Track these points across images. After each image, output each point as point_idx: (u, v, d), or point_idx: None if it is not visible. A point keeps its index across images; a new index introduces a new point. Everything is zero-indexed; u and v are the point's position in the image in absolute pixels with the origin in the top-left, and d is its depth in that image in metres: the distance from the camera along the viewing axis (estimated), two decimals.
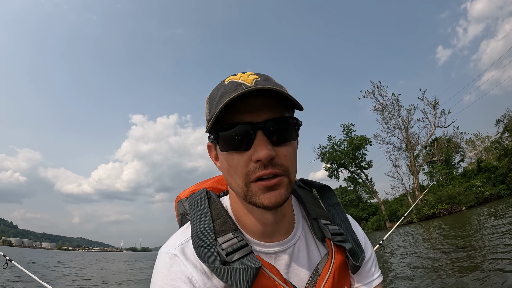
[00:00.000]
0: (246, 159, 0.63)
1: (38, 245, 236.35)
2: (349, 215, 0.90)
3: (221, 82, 0.72)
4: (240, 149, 0.64)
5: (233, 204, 0.76)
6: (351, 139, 34.48)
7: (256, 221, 0.73)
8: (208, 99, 0.72)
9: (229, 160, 0.66)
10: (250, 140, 0.63)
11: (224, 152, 0.66)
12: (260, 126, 0.63)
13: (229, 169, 0.66)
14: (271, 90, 0.61)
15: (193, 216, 0.74)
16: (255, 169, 0.63)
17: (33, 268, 16.45)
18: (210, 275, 0.67)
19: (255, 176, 0.63)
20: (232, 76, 0.70)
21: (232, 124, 0.63)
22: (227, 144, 0.65)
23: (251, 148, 0.63)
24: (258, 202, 0.64)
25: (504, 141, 31.44)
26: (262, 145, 0.62)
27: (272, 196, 0.63)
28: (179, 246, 0.70)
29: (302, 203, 0.87)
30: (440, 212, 25.21)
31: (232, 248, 0.66)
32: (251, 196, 0.64)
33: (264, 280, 0.66)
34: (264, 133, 0.63)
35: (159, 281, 0.66)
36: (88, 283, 11.90)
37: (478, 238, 9.09)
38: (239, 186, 0.65)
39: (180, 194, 0.96)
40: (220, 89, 0.68)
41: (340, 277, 0.76)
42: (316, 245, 0.81)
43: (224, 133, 0.64)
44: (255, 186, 0.64)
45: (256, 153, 0.62)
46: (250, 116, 0.63)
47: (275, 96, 0.64)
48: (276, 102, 0.65)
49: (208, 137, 0.70)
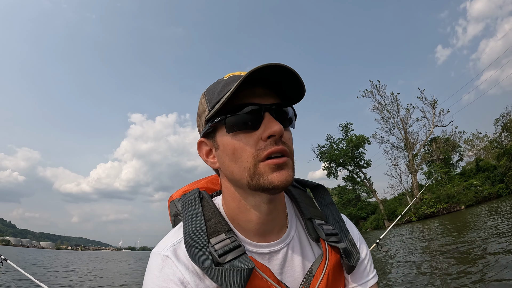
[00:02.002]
0: (256, 138, 0.65)
1: (37, 245, 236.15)
2: (344, 215, 0.89)
3: (219, 79, 0.73)
4: (249, 129, 0.65)
5: (228, 202, 0.75)
6: (350, 138, 34.50)
7: (251, 217, 0.72)
8: (206, 94, 0.72)
9: (235, 142, 0.66)
10: (259, 120, 0.65)
11: (229, 135, 0.66)
12: (268, 107, 0.66)
13: (234, 152, 0.66)
14: (289, 72, 0.63)
15: (186, 217, 0.73)
16: (265, 146, 0.64)
17: (31, 269, 16.42)
18: (202, 276, 0.66)
19: (266, 153, 0.64)
20: (230, 73, 0.72)
21: (241, 105, 0.65)
22: (235, 124, 0.65)
23: (260, 127, 0.65)
24: (267, 182, 0.64)
25: (502, 140, 31.59)
26: (274, 121, 0.65)
27: (282, 175, 0.64)
28: (171, 247, 0.69)
29: (296, 203, 0.86)
30: (439, 211, 25.28)
31: (225, 249, 0.65)
32: (259, 177, 0.64)
33: (257, 281, 0.65)
34: (271, 114, 0.66)
35: (151, 283, 0.65)
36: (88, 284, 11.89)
37: (477, 237, 9.11)
38: (245, 168, 0.65)
39: (173, 194, 0.95)
40: (220, 83, 0.70)
41: (335, 278, 0.74)
42: (310, 246, 0.79)
43: (231, 115, 0.65)
44: (264, 165, 0.64)
45: (269, 129, 0.64)
46: (258, 99, 0.66)
47: (276, 87, 0.68)
48: (276, 93, 0.70)
49: (209, 123, 0.69)
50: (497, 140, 32.92)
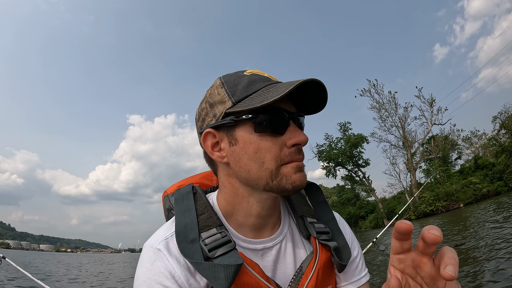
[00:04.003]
0: (281, 143, 0.67)
1: (36, 247, 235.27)
2: (337, 213, 0.90)
3: (237, 72, 0.74)
4: (276, 133, 0.67)
5: (227, 197, 0.75)
6: (348, 137, 34.49)
7: (251, 211, 0.72)
8: (225, 84, 0.70)
9: (261, 142, 0.66)
10: (286, 126, 0.68)
11: (256, 134, 0.66)
12: (293, 116, 0.70)
13: (257, 152, 0.66)
14: (316, 84, 0.67)
15: (178, 211, 0.73)
16: (290, 153, 0.67)
17: (31, 270, 16.38)
18: (193, 271, 0.66)
19: (289, 160, 0.67)
20: (250, 70, 0.74)
21: (272, 108, 0.66)
22: (264, 125, 0.66)
23: (285, 134, 0.68)
24: (289, 182, 0.67)
25: (501, 138, 31.63)
26: (299, 130, 0.69)
27: (302, 176, 0.68)
28: (163, 240, 0.69)
29: (288, 201, 0.86)
30: (438, 209, 25.31)
31: (215, 244, 0.65)
32: (281, 178, 0.67)
33: (246, 278, 0.65)
34: (295, 123, 0.70)
35: (142, 276, 0.65)
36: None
37: (476, 235, 9.13)
38: (266, 169, 0.66)
39: (167, 189, 0.95)
40: (242, 77, 0.70)
41: (325, 276, 0.75)
42: (303, 243, 0.80)
43: (264, 114, 0.66)
44: (288, 167, 0.67)
45: (295, 138, 0.67)
46: (285, 105, 0.69)
47: (298, 96, 0.72)
48: (294, 102, 0.73)
49: (232, 117, 0.67)
50: (496, 137, 32.99)
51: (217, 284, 0.60)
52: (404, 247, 0.51)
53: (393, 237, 0.51)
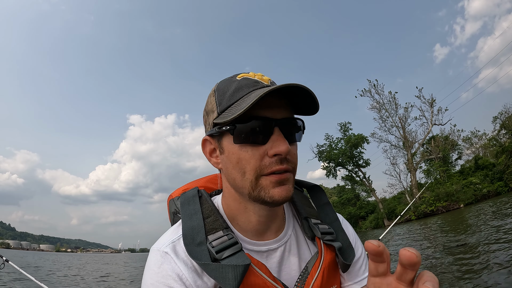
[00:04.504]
0: (262, 153, 0.65)
1: (36, 247, 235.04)
2: (340, 215, 0.91)
3: (231, 77, 0.73)
4: (257, 143, 0.65)
5: (228, 202, 0.76)
6: (348, 137, 34.46)
7: (251, 219, 0.74)
8: (216, 92, 0.72)
9: (241, 153, 0.66)
10: (268, 135, 0.65)
11: (236, 145, 0.67)
12: (278, 122, 0.66)
13: (239, 162, 0.67)
14: (300, 88, 0.63)
15: (184, 214, 0.74)
16: (270, 163, 0.65)
17: (31, 271, 16.38)
18: (200, 272, 0.67)
19: (270, 170, 0.65)
20: (243, 73, 0.71)
21: (252, 117, 0.64)
22: (243, 136, 0.65)
23: (268, 142, 0.65)
24: (267, 196, 0.66)
25: (501, 138, 31.63)
26: (282, 140, 0.65)
27: (282, 190, 0.66)
28: (170, 244, 0.70)
29: (292, 202, 0.87)
30: (438, 209, 25.29)
31: (222, 246, 0.66)
32: (260, 190, 0.66)
33: (253, 278, 0.66)
34: (281, 130, 0.66)
35: (150, 279, 0.66)
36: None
37: (476, 235, 9.13)
38: (247, 180, 0.66)
39: (172, 193, 0.96)
40: (232, 83, 0.69)
41: (330, 276, 0.76)
42: (307, 244, 0.81)
43: (242, 125, 0.65)
44: (267, 180, 0.65)
45: (276, 148, 0.64)
46: (269, 112, 0.66)
47: (289, 98, 0.68)
48: (288, 105, 0.69)
49: (213, 129, 0.70)
50: (496, 138, 32.95)
51: (226, 285, 0.60)
52: (380, 270, 0.49)
53: (369, 260, 0.49)
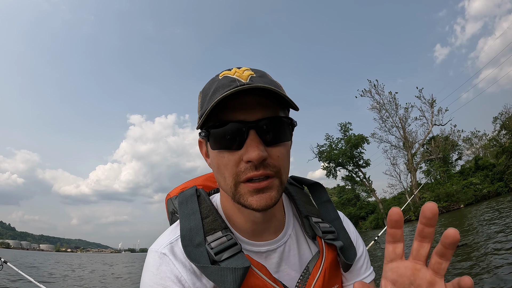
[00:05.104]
0: (237, 158, 0.62)
1: (36, 247, 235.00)
2: (340, 213, 0.89)
3: (216, 76, 0.69)
4: (231, 148, 0.62)
5: (224, 202, 0.75)
6: (349, 137, 34.45)
7: (246, 220, 0.72)
8: (201, 94, 0.70)
9: (219, 158, 0.64)
10: (242, 139, 0.61)
11: (214, 150, 0.65)
12: (253, 125, 0.61)
13: (219, 168, 0.65)
14: (266, 89, 0.59)
15: (182, 214, 0.73)
16: (245, 169, 0.61)
17: (31, 272, 16.38)
18: (199, 274, 0.66)
19: (245, 177, 0.61)
20: (227, 70, 0.67)
21: (224, 121, 0.61)
22: (218, 142, 0.63)
23: (243, 147, 0.61)
24: (246, 204, 0.63)
25: (501, 139, 31.66)
26: (254, 145, 0.60)
27: (261, 199, 0.62)
28: (168, 244, 0.69)
29: (293, 201, 0.86)
30: (438, 210, 25.17)
31: (221, 247, 0.65)
32: (239, 197, 0.63)
33: (253, 280, 0.65)
34: (257, 133, 0.61)
35: (148, 280, 0.65)
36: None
37: (476, 236, 9.12)
38: (228, 185, 0.64)
39: (170, 192, 0.95)
40: (213, 84, 0.65)
41: (331, 276, 0.75)
42: (307, 244, 0.80)
43: (215, 130, 0.62)
44: (244, 187, 0.62)
45: (247, 154, 0.60)
46: (243, 114, 0.61)
47: (270, 94, 0.62)
48: (270, 101, 0.63)
49: (199, 133, 0.68)
50: (496, 138, 32.99)
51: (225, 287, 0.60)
52: (397, 251, 0.51)
53: (387, 232, 0.50)
